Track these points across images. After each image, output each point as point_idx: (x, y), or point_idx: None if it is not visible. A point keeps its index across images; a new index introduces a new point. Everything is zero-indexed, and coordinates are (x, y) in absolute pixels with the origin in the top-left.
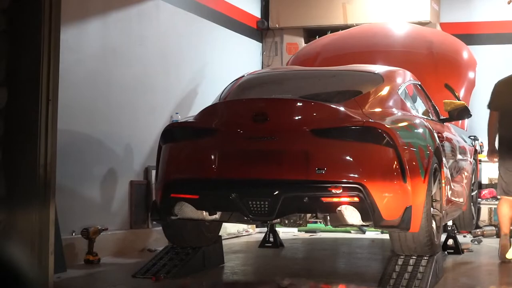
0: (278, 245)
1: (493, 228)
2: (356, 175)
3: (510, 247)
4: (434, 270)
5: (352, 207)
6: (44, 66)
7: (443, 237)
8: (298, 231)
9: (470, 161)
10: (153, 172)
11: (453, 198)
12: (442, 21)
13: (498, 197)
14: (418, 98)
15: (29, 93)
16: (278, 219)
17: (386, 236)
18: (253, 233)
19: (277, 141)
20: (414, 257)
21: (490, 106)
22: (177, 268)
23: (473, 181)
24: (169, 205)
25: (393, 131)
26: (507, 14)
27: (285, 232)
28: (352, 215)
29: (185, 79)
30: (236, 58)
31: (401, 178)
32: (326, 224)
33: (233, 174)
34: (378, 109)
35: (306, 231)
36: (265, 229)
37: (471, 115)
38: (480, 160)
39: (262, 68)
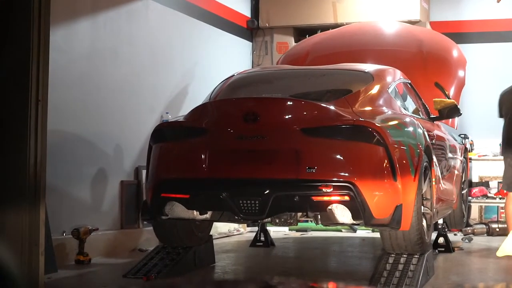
0: (269, 244)
1: (484, 226)
2: (346, 174)
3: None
4: (425, 269)
5: (342, 205)
6: (34, 66)
7: (433, 235)
8: (289, 230)
9: (460, 160)
10: (144, 172)
11: (443, 197)
12: (432, 20)
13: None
14: (408, 96)
15: (18, 93)
16: (269, 218)
17: (377, 234)
18: (244, 232)
19: (268, 140)
20: (405, 256)
21: (499, 114)
22: (168, 268)
23: (463, 179)
24: (160, 205)
25: (383, 130)
26: (497, 13)
27: (276, 231)
28: (343, 214)
29: (175, 79)
30: (226, 58)
31: (391, 176)
32: (317, 223)
33: (223, 174)
34: (368, 108)
35: (297, 230)
36: (256, 229)
37: (461, 114)
38: (470, 159)
39: (252, 67)
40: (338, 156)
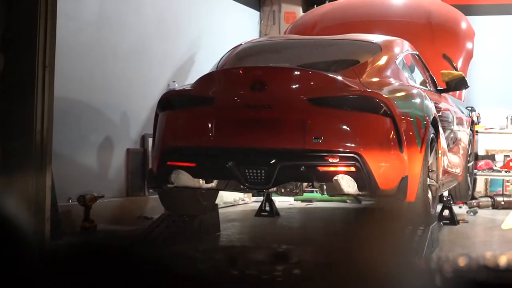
0: (274, 214)
1: (489, 199)
2: (353, 145)
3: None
4: (429, 240)
5: (348, 176)
6: (41, 33)
7: (439, 207)
8: (294, 200)
9: (467, 132)
10: (150, 140)
11: (449, 169)
12: None
13: None
14: (415, 68)
15: (26, 59)
16: (275, 188)
17: None
18: (249, 202)
19: (274, 110)
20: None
21: None
22: (173, 235)
23: (469, 152)
24: (166, 173)
25: (390, 101)
26: None
27: (281, 201)
28: (348, 185)
29: (182, 47)
30: (234, 27)
31: (398, 148)
32: (322, 193)
33: (230, 143)
34: (375, 79)
35: (302, 200)
36: (261, 198)
37: (468, 86)
38: (477, 131)
39: (259, 36)
40: (345, 127)
